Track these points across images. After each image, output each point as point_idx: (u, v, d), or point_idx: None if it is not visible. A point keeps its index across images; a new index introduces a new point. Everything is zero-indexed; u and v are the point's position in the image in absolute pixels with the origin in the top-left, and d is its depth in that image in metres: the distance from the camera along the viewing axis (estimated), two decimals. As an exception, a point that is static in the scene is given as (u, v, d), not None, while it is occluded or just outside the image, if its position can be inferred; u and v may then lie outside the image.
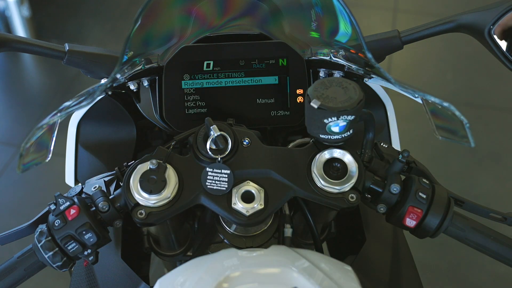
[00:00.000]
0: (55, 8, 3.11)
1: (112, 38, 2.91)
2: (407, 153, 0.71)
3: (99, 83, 0.74)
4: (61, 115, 0.64)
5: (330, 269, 0.62)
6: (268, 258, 0.66)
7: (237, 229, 0.77)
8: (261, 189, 0.70)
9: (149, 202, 0.68)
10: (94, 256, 0.70)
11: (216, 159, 0.71)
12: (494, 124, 2.48)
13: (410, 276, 0.86)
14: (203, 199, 0.70)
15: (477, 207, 0.74)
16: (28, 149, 0.63)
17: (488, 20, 0.78)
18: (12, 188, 2.22)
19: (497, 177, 2.27)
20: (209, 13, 0.88)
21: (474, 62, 2.73)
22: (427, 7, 3.14)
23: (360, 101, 0.63)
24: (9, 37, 0.79)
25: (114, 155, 0.97)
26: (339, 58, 0.82)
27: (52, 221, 0.67)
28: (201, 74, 0.84)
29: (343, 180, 0.69)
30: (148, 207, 0.68)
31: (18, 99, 2.69)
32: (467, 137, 0.63)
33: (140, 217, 0.68)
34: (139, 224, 0.69)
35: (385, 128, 0.99)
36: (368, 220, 0.90)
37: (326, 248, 1.06)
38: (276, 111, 0.86)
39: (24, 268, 0.68)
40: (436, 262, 1.95)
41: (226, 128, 0.72)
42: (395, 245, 0.90)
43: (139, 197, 0.68)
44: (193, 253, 0.88)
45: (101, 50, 0.83)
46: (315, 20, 0.84)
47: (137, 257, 0.95)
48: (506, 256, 0.70)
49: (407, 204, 0.69)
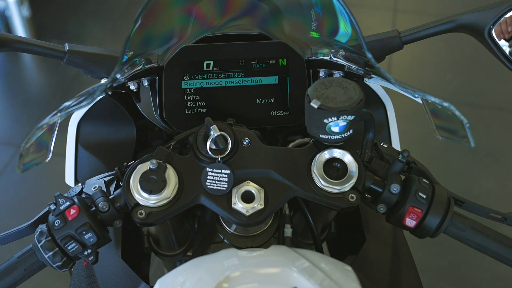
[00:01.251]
0: (55, 8, 3.11)
1: (112, 38, 2.91)
2: (407, 153, 0.71)
3: (99, 83, 0.74)
4: (61, 115, 0.64)
5: (330, 269, 0.62)
6: (268, 258, 0.66)
7: (237, 229, 0.77)
8: (261, 189, 0.70)
9: (149, 202, 0.68)
10: (94, 256, 0.70)
11: (216, 159, 0.70)
12: (494, 124, 2.48)
13: (410, 276, 0.86)
14: (203, 199, 0.70)
15: (477, 207, 0.74)
16: (28, 149, 0.63)
17: (488, 20, 0.78)
18: (12, 188, 2.22)
19: (497, 177, 2.27)
20: (209, 13, 0.88)
21: (474, 62, 2.73)
22: (427, 7, 3.14)
23: (360, 101, 0.63)
24: (9, 37, 0.79)
25: (114, 155, 0.97)
26: (339, 58, 0.82)
27: (52, 221, 0.67)
28: (201, 74, 0.84)
29: (343, 180, 0.69)
30: (148, 207, 0.68)
31: (18, 99, 2.69)
32: (467, 137, 0.63)
33: (140, 217, 0.68)
34: (139, 224, 0.69)
35: (385, 128, 0.99)
36: (368, 220, 0.90)
37: (326, 248, 1.06)
38: (276, 111, 0.86)
39: (24, 268, 0.68)
40: (436, 262, 1.95)
41: (226, 128, 0.72)
42: (395, 245, 0.90)
43: (139, 197, 0.68)
44: (193, 253, 0.88)
45: (101, 50, 0.83)
46: (315, 20, 0.84)
47: (137, 257, 0.95)
48: (506, 256, 0.70)
49: (407, 204, 0.69)
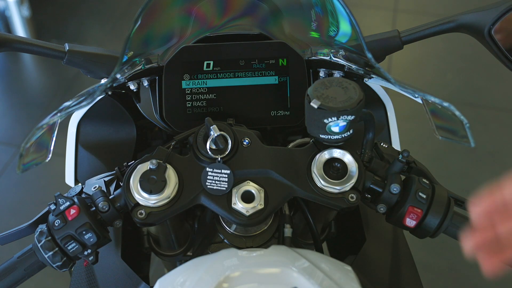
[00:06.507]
0: (55, 8, 3.11)
1: (112, 38, 2.91)
2: (407, 153, 0.71)
3: (99, 83, 0.74)
4: (61, 115, 0.64)
5: (330, 269, 0.62)
6: (268, 258, 0.66)
7: (237, 229, 0.77)
8: (261, 189, 0.70)
9: (149, 202, 0.68)
10: (94, 256, 0.70)
11: (216, 159, 0.70)
12: (493, 124, 2.48)
13: (410, 276, 0.86)
14: (203, 199, 0.70)
15: None
16: (28, 149, 0.63)
17: (488, 20, 0.78)
18: (12, 188, 2.22)
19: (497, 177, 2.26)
20: (209, 13, 0.88)
21: (474, 62, 2.73)
22: (427, 7, 3.14)
23: (360, 101, 0.63)
24: (9, 37, 0.79)
25: (114, 155, 0.97)
26: (339, 58, 0.82)
27: (52, 221, 0.67)
28: (201, 74, 0.84)
29: (343, 180, 0.69)
30: (148, 207, 0.68)
31: (18, 99, 2.68)
32: (467, 137, 0.63)
33: (140, 217, 0.68)
34: (139, 224, 0.69)
35: (385, 128, 0.99)
36: (368, 220, 0.90)
37: (326, 248, 1.06)
38: (276, 111, 0.86)
39: (24, 268, 0.68)
40: (436, 262, 1.95)
41: (226, 128, 0.72)
42: (395, 245, 0.90)
43: (139, 197, 0.68)
44: (193, 253, 0.88)
45: (101, 50, 0.83)
46: (315, 20, 0.84)
47: (137, 257, 0.95)
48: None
49: (407, 204, 0.69)
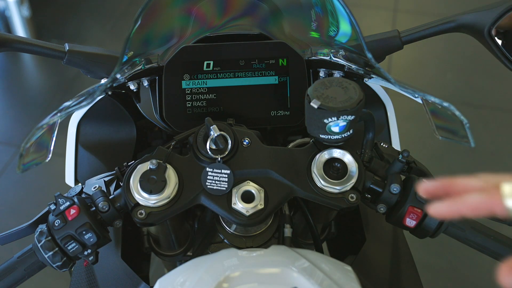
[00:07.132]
0: (55, 8, 3.11)
1: (112, 38, 2.91)
2: (407, 153, 0.71)
3: (99, 83, 0.74)
4: (61, 115, 0.64)
5: (330, 269, 0.62)
6: (268, 258, 0.66)
7: (237, 229, 0.77)
8: (261, 189, 0.70)
9: (149, 202, 0.68)
10: (94, 256, 0.70)
11: (216, 159, 0.70)
12: (494, 124, 2.48)
13: (410, 276, 0.86)
14: (203, 199, 0.70)
15: None
16: (28, 149, 0.63)
17: (488, 20, 0.78)
18: (12, 188, 2.22)
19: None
20: (209, 13, 0.88)
21: (474, 62, 2.73)
22: (427, 7, 3.14)
23: (360, 101, 0.63)
24: (9, 37, 0.79)
25: (114, 155, 0.97)
26: (339, 58, 0.82)
27: (52, 221, 0.67)
28: (201, 74, 0.84)
29: (343, 180, 0.69)
30: (148, 207, 0.68)
31: (18, 99, 2.68)
32: (467, 137, 0.63)
33: (140, 217, 0.68)
34: (139, 224, 0.69)
35: (385, 128, 0.99)
36: (368, 220, 0.90)
37: (326, 248, 1.06)
38: (276, 111, 0.86)
39: (24, 268, 0.68)
40: (436, 262, 1.95)
41: (226, 128, 0.72)
42: (395, 245, 0.90)
43: (139, 197, 0.68)
44: (193, 253, 0.88)
45: (101, 50, 0.83)
46: (315, 20, 0.84)
47: (137, 257, 0.95)
48: (506, 256, 0.69)
49: (407, 204, 0.69)
